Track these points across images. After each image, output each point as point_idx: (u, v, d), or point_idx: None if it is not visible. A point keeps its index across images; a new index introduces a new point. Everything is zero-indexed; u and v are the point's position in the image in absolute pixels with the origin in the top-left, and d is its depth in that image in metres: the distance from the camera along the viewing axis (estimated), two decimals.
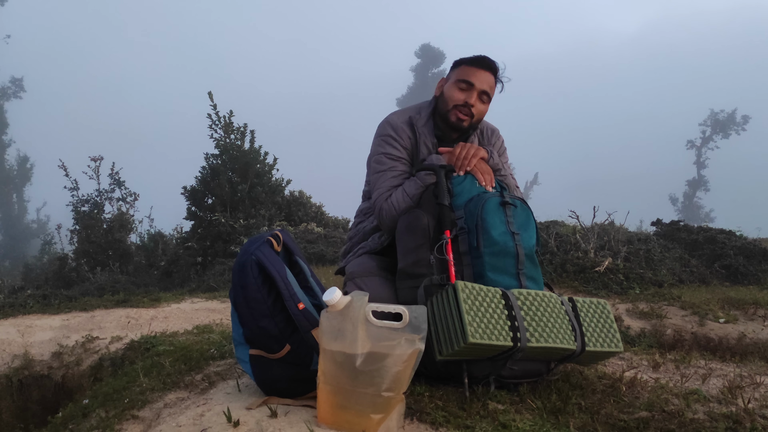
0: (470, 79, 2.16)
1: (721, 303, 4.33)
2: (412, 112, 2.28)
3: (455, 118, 2.17)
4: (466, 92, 2.16)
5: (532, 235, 1.96)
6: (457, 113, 2.17)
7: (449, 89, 2.20)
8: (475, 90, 2.16)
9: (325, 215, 10.60)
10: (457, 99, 2.16)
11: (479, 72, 2.17)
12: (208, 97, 9.08)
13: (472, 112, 2.17)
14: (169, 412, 1.81)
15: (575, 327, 1.79)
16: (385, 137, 2.22)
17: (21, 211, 34.03)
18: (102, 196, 9.29)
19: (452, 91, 2.18)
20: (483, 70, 2.17)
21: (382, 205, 2.12)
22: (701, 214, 37.80)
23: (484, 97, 2.19)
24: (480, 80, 2.16)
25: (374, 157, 2.24)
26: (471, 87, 2.16)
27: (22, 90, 37.07)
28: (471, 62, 2.20)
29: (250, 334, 1.74)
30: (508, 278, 1.86)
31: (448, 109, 2.18)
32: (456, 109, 2.17)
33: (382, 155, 2.21)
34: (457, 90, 2.17)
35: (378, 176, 2.19)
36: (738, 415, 1.60)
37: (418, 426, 1.56)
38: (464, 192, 1.98)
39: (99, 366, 3.51)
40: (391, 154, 2.19)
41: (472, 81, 2.15)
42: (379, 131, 2.26)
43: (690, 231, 7.33)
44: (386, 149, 2.21)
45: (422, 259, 1.89)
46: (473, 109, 2.17)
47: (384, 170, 2.18)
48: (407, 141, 2.21)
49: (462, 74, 2.18)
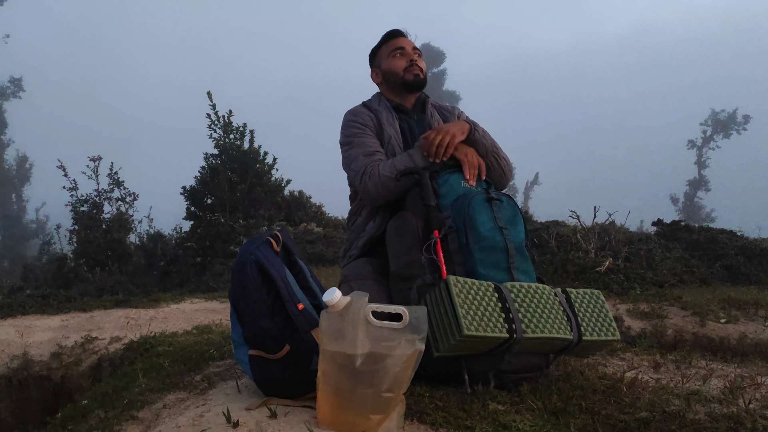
0: (399, 45, 2.40)
1: (722, 303, 4.33)
2: (364, 102, 2.46)
3: (412, 76, 2.36)
4: (404, 55, 2.39)
5: (521, 230, 1.97)
6: (410, 71, 2.36)
7: (388, 63, 2.39)
8: (408, 49, 2.40)
9: (325, 215, 10.60)
10: (402, 64, 2.37)
11: (399, 39, 2.43)
12: (207, 96, 9.07)
13: (419, 65, 2.38)
14: (169, 412, 1.81)
15: (570, 317, 1.79)
16: (348, 123, 2.35)
17: (20, 211, 34.02)
18: (101, 196, 9.27)
19: (392, 62, 2.39)
20: (400, 37, 2.44)
21: (365, 169, 2.16)
22: (702, 214, 37.77)
23: (417, 52, 2.42)
24: (406, 42, 2.42)
25: (342, 141, 2.34)
26: (404, 50, 2.40)
27: (21, 90, 37.04)
28: (387, 39, 2.45)
29: (250, 334, 1.73)
30: (499, 273, 1.86)
31: (401, 76, 2.36)
32: (406, 71, 2.36)
33: (347, 137, 2.32)
34: (395, 58, 2.39)
35: (350, 152, 2.27)
36: (739, 415, 1.60)
37: (418, 427, 1.55)
38: (450, 191, 1.98)
39: (98, 366, 3.50)
40: (357, 133, 2.29)
41: (401, 45, 2.40)
42: (343, 121, 2.39)
43: (691, 231, 7.32)
44: (351, 131, 2.31)
45: (413, 261, 1.89)
46: (418, 63, 2.38)
47: (353, 146, 2.27)
48: (368, 119, 2.33)
49: (389, 48, 2.41)
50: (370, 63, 2.51)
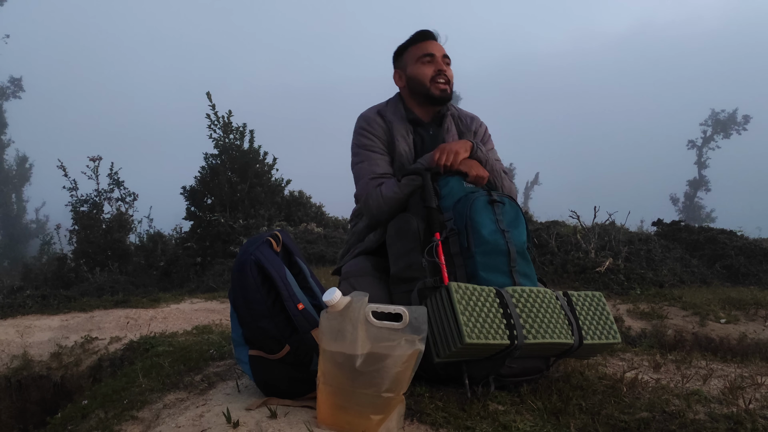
0: (429, 51, 2.25)
1: (722, 303, 4.33)
2: (380, 106, 2.35)
3: (438, 91, 2.23)
4: (433, 63, 2.24)
5: (522, 232, 1.96)
6: (436, 85, 2.23)
7: (415, 69, 2.25)
8: (438, 57, 2.25)
9: (325, 215, 10.60)
10: (429, 72, 2.23)
11: (429, 43, 2.28)
12: (207, 97, 9.07)
13: (447, 77, 2.25)
14: (169, 412, 1.80)
15: (571, 321, 1.78)
16: (358, 130, 2.29)
17: (20, 211, 33.98)
18: (101, 196, 9.28)
19: (420, 69, 2.24)
20: (430, 41, 2.29)
21: (369, 193, 2.13)
22: (702, 214, 37.73)
23: (447, 60, 2.28)
24: (436, 48, 2.27)
25: (352, 150, 2.30)
26: (433, 57, 2.24)
27: (21, 90, 36.97)
28: (416, 40, 2.29)
29: (250, 334, 1.73)
30: (501, 276, 1.85)
31: (427, 86, 2.23)
32: (434, 82, 2.23)
33: (357, 147, 2.27)
34: (424, 65, 2.24)
35: (356, 168, 2.24)
36: (739, 415, 1.60)
37: (419, 427, 1.55)
38: (452, 193, 1.97)
39: (98, 367, 3.50)
40: (366, 145, 2.24)
41: (432, 51, 2.25)
42: (355, 126, 2.33)
43: (691, 231, 7.33)
44: (361, 141, 2.26)
45: (414, 263, 1.89)
46: (446, 74, 2.25)
47: (361, 161, 2.22)
48: (380, 130, 2.26)
49: (419, 51, 2.26)
50: (394, 63, 2.37)
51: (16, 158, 35.25)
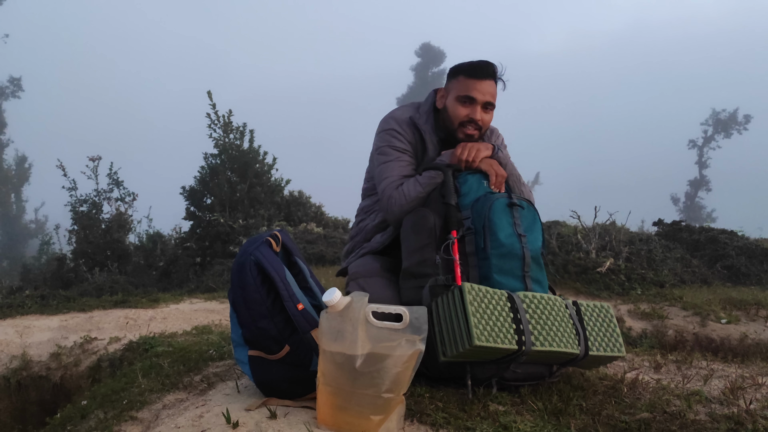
0: (471, 94, 2.11)
1: (722, 303, 4.33)
2: (411, 112, 2.26)
3: (463, 135, 2.14)
4: (470, 107, 2.12)
5: (538, 237, 1.94)
6: (464, 130, 2.14)
7: (452, 106, 2.15)
8: (478, 104, 2.12)
9: (324, 215, 10.58)
10: (463, 116, 2.13)
11: (479, 83, 2.12)
12: (207, 96, 9.07)
13: (479, 125, 2.14)
14: (168, 413, 1.80)
15: (579, 331, 1.78)
16: (390, 131, 2.21)
17: (19, 211, 33.99)
18: (100, 196, 9.26)
19: (455, 108, 2.14)
20: (483, 80, 2.12)
21: (391, 194, 2.09)
22: (703, 215, 37.75)
23: (488, 107, 2.15)
24: (482, 92, 2.11)
25: (379, 148, 2.22)
26: (473, 101, 2.11)
27: (20, 89, 36.98)
28: (469, 73, 2.14)
29: (249, 334, 1.73)
30: (514, 281, 1.85)
31: (455, 127, 2.15)
32: (463, 126, 2.14)
33: (387, 147, 2.19)
34: (460, 106, 2.13)
35: (384, 167, 2.17)
36: (740, 416, 1.59)
37: (419, 427, 1.55)
38: (471, 192, 1.96)
39: (97, 367, 3.50)
40: (397, 147, 2.18)
41: (474, 96, 2.11)
42: (383, 126, 2.25)
43: (692, 231, 7.33)
44: (392, 142, 2.19)
45: (428, 259, 1.88)
46: (479, 122, 2.13)
47: (390, 160, 2.16)
48: (411, 137, 2.20)
49: (463, 89, 2.13)
50: (447, 77, 2.25)
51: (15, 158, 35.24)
